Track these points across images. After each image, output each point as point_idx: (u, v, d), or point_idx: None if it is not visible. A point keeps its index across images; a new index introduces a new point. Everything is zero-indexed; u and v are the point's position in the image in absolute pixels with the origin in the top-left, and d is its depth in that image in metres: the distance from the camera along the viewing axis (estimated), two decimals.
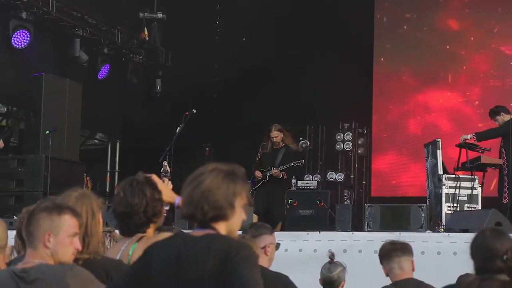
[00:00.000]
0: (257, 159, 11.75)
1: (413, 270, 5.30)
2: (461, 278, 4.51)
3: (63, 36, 13.08)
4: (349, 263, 7.13)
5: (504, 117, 10.97)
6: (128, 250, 3.65)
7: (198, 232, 3.08)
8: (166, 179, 3.75)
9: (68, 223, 3.30)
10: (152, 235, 3.72)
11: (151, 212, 3.68)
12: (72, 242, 3.30)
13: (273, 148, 11.71)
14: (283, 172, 11.54)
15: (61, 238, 3.27)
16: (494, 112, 11.15)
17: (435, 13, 15.47)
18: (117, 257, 3.65)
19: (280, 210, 11.44)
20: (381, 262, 5.28)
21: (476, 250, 3.88)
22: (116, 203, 3.69)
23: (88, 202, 3.55)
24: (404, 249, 5.33)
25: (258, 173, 11.51)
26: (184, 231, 3.59)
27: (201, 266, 2.97)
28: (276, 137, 11.65)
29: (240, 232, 5.13)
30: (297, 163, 11.53)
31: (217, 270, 2.95)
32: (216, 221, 3.06)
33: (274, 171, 11.50)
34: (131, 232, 3.70)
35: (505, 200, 10.42)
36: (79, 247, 3.33)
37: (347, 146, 14.65)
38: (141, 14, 14.94)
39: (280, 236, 9.33)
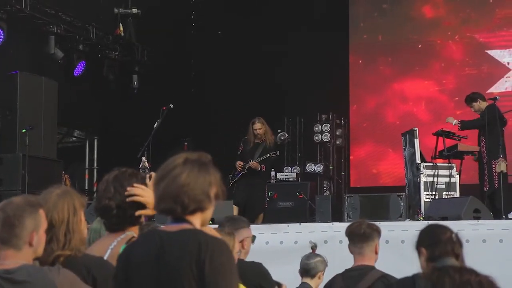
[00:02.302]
0: (238, 152, 11.75)
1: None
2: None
3: (38, 33, 13.00)
4: (330, 254, 7.16)
5: (480, 104, 11.05)
6: (118, 250, 3.61)
7: (173, 227, 3.06)
8: (152, 174, 3.68)
9: (44, 218, 3.29)
10: (137, 232, 3.71)
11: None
12: (44, 235, 3.30)
13: (254, 142, 11.70)
14: (262, 165, 11.53)
15: (41, 234, 3.27)
16: (471, 99, 11.23)
17: (410, 2, 15.52)
18: (106, 256, 3.61)
19: (260, 203, 11.44)
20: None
21: (425, 239, 3.97)
22: (102, 198, 3.64)
23: (69, 199, 3.52)
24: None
25: (239, 164, 11.51)
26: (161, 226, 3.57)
27: (179, 264, 2.97)
28: (259, 129, 11.62)
29: (217, 226, 5.16)
30: (272, 154, 11.52)
31: (195, 268, 2.94)
32: (194, 213, 3.06)
33: (252, 163, 11.49)
34: (119, 227, 3.67)
35: (485, 188, 10.49)
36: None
37: (325, 137, 14.68)
38: (115, 10, 14.86)
39: (260, 228, 9.37)
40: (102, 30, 14.39)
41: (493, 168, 10.46)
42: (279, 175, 12.69)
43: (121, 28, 14.83)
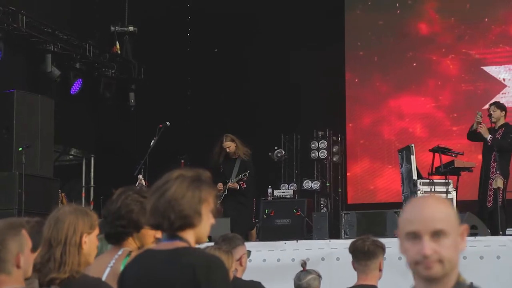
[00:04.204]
0: (220, 171, 11.50)
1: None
2: None
3: (34, 51, 13.01)
4: (327, 271, 7.16)
5: (501, 115, 10.93)
6: (118, 267, 3.59)
7: (166, 245, 3.05)
8: None
9: (27, 237, 3.26)
10: (135, 247, 3.71)
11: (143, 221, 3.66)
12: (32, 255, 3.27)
13: (230, 159, 11.51)
14: (241, 182, 11.33)
15: (26, 254, 3.22)
16: (500, 106, 11.06)
17: (405, 19, 15.58)
18: (105, 275, 3.59)
19: (247, 221, 11.33)
20: None
21: None
22: (110, 212, 3.66)
23: (73, 218, 3.47)
24: None
25: (220, 186, 11.19)
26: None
27: (174, 285, 2.95)
28: (229, 147, 11.48)
29: (212, 244, 5.16)
30: (242, 175, 11.28)
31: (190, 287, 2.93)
32: (184, 229, 3.03)
33: (229, 184, 11.32)
34: (122, 240, 3.67)
35: (489, 204, 10.45)
36: None
37: (322, 154, 14.67)
38: (112, 28, 14.90)
39: (257, 246, 9.36)
40: (98, 48, 14.41)
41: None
42: (276, 192, 12.68)
43: (118, 46, 14.87)
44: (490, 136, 10.67)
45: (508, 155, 10.63)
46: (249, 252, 5.55)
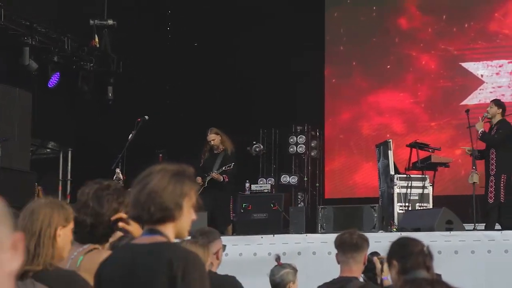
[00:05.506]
0: (200, 165, 11.53)
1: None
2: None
3: (12, 45, 12.94)
4: (303, 265, 7.18)
5: (497, 112, 10.92)
6: (76, 260, 3.62)
7: (146, 239, 3.05)
8: None
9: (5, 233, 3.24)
10: (106, 247, 3.70)
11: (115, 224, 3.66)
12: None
13: (213, 153, 11.55)
14: (224, 175, 11.37)
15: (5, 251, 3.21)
16: (498, 104, 11.06)
17: (386, 15, 15.62)
18: (67, 266, 3.61)
19: (225, 215, 11.33)
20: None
21: (396, 252, 4.01)
22: (80, 212, 3.62)
23: (48, 211, 3.44)
24: None
25: (198, 179, 11.26)
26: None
27: (151, 280, 2.96)
28: (213, 140, 11.49)
29: (189, 237, 5.17)
30: (226, 167, 11.29)
31: (168, 284, 2.93)
32: (164, 222, 3.03)
33: (213, 174, 11.33)
34: (86, 242, 3.66)
35: (490, 200, 10.48)
36: None
37: (300, 149, 14.70)
38: (91, 21, 14.82)
39: (234, 240, 9.37)
40: (77, 41, 14.35)
41: (502, 182, 10.45)
42: (253, 187, 12.69)
43: (97, 40, 14.80)
44: (481, 130, 10.68)
45: (506, 151, 10.60)
46: (224, 246, 5.57)
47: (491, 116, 10.82)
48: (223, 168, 11.28)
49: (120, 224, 3.62)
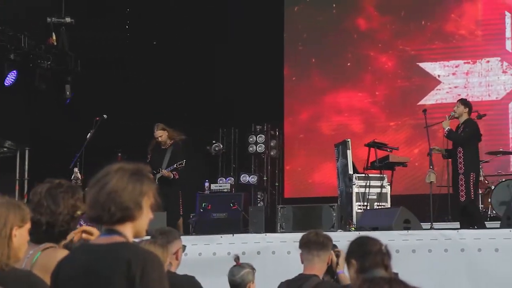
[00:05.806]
0: (147, 161, 11.24)
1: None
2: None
3: None
4: (262, 264, 7.19)
5: (464, 111, 11.01)
6: (32, 258, 3.58)
7: (104, 239, 3.04)
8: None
9: None
10: (61, 246, 3.66)
11: (73, 221, 3.63)
12: None
13: (161, 149, 11.37)
14: (174, 172, 11.19)
15: None
16: (465, 103, 11.14)
17: (344, 15, 15.71)
18: (23, 265, 3.57)
19: (176, 210, 11.13)
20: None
21: (355, 251, 4.06)
22: (34, 211, 3.56)
23: (4, 211, 3.39)
24: None
25: None
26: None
27: (109, 280, 2.94)
28: (160, 136, 11.33)
29: (149, 237, 5.15)
30: (178, 164, 11.10)
31: (126, 284, 2.92)
32: (123, 222, 3.02)
33: (163, 172, 11.15)
34: (43, 241, 3.62)
35: (462, 198, 10.59)
36: None
37: (260, 148, 14.73)
38: (48, 19, 14.66)
39: (193, 239, 9.35)
40: (34, 39, 14.18)
41: (471, 180, 10.57)
42: (213, 186, 12.68)
43: (54, 37, 14.64)
44: (448, 128, 10.79)
45: (472, 150, 10.73)
46: (184, 247, 5.56)
47: (458, 115, 10.94)
48: (175, 166, 11.14)
49: (84, 236, 3.59)
